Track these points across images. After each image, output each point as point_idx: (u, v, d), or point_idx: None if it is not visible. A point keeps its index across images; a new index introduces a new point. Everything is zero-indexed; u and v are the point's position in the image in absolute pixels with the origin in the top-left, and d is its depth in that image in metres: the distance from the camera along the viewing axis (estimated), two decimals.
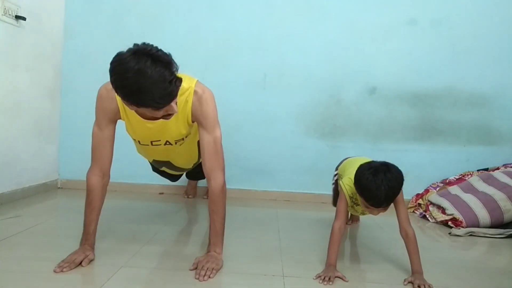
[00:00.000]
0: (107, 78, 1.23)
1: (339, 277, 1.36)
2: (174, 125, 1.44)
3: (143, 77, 1.10)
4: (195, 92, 1.40)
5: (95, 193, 1.44)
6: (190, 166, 1.94)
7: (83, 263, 1.34)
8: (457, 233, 2.09)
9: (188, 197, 2.67)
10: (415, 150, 2.74)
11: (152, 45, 1.17)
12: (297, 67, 2.74)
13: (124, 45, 1.19)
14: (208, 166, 1.44)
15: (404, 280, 1.37)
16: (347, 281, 1.35)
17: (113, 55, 1.19)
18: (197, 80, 1.45)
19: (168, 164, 1.81)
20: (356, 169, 1.42)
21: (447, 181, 2.65)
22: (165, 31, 2.74)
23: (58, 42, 2.71)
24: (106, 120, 1.43)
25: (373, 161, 1.40)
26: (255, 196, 2.74)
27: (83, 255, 1.36)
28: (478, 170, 2.65)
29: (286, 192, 2.81)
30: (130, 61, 1.11)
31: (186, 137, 1.55)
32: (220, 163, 1.46)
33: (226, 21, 2.74)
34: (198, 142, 1.61)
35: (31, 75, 2.42)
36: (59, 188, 2.77)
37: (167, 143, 1.54)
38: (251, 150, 2.78)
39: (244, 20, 2.74)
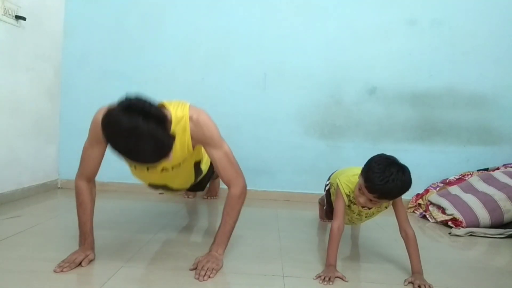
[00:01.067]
0: (107, 78, 1.23)
1: (339, 277, 1.36)
2: (174, 166, 1.44)
3: (135, 138, 1.06)
4: (191, 118, 1.38)
5: (84, 194, 1.44)
6: (187, 186, 1.90)
7: (83, 263, 1.34)
8: (457, 233, 2.09)
9: (188, 197, 2.67)
10: (415, 150, 2.74)
11: (144, 100, 1.12)
12: (297, 67, 2.74)
13: (124, 45, 1.19)
14: (227, 178, 1.46)
15: (405, 281, 1.37)
16: (347, 281, 1.35)
17: (113, 55, 1.18)
18: (189, 105, 1.42)
19: (165, 187, 1.79)
20: (352, 171, 1.44)
21: (447, 181, 2.65)
22: (165, 31, 2.74)
23: (58, 42, 2.71)
24: (99, 142, 1.42)
25: (394, 157, 1.39)
26: (255, 196, 2.73)
27: (83, 255, 1.36)
28: (478, 170, 2.65)
29: (286, 192, 2.81)
30: (121, 120, 1.06)
31: (182, 161, 1.53)
32: (238, 171, 1.47)
33: (226, 21, 2.74)
34: (195, 163, 1.60)
35: (31, 75, 2.42)
36: (59, 188, 2.77)
37: (164, 169, 1.52)
38: (251, 150, 2.78)
39: (244, 20, 2.74)
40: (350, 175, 1.50)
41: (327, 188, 1.89)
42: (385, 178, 1.27)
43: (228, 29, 2.74)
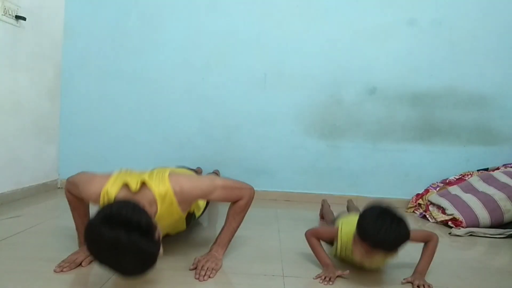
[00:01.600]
0: (107, 78, 1.23)
1: (340, 275, 1.36)
2: (164, 229, 1.40)
3: (117, 253, 1.01)
4: (175, 193, 1.30)
5: (74, 201, 1.45)
6: (178, 232, 1.84)
7: (83, 263, 1.34)
8: (457, 233, 2.09)
9: None
10: (415, 150, 2.74)
11: (126, 208, 1.07)
12: (297, 67, 2.74)
13: (124, 45, 1.18)
14: (233, 200, 1.47)
15: (403, 279, 1.37)
16: (348, 272, 1.34)
17: (113, 55, 1.17)
18: (168, 173, 1.33)
19: None
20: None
21: (447, 181, 2.65)
22: (165, 31, 2.74)
23: (58, 42, 2.71)
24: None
25: (390, 207, 1.30)
26: (255, 196, 2.72)
27: (83, 255, 1.36)
28: (478, 170, 2.65)
29: (286, 192, 2.81)
30: (103, 234, 1.00)
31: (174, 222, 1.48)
32: (241, 188, 1.48)
33: (226, 21, 2.74)
34: (188, 215, 1.57)
35: (31, 75, 2.42)
36: (59, 188, 2.77)
37: None
38: (251, 150, 2.78)
39: (244, 20, 2.74)
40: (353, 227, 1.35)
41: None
42: (378, 227, 1.20)
43: (228, 29, 2.74)
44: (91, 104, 2.79)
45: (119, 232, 0.99)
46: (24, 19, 2.26)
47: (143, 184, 1.27)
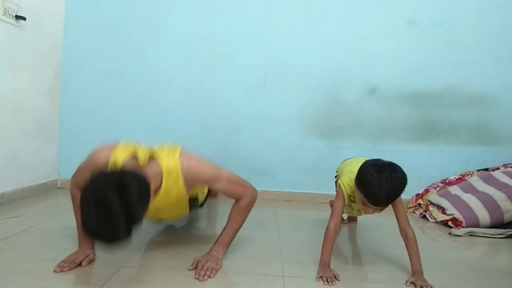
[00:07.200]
0: (107, 78, 1.23)
1: (335, 276, 1.37)
2: (167, 207, 1.42)
3: (102, 212, 0.99)
4: (182, 169, 1.31)
5: (79, 198, 1.44)
6: (181, 217, 1.87)
7: (83, 263, 1.34)
8: (457, 233, 2.09)
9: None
10: (415, 150, 2.74)
11: (133, 183, 1.05)
12: (297, 67, 2.74)
13: (124, 45, 1.19)
14: (235, 197, 1.47)
15: (406, 282, 1.37)
16: (339, 280, 1.35)
17: (113, 55, 1.17)
18: (180, 150, 1.35)
19: (159, 221, 1.77)
20: (355, 167, 1.41)
21: (447, 181, 2.65)
22: (165, 31, 2.74)
23: (58, 42, 2.71)
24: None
25: (379, 159, 1.38)
26: None
27: (83, 255, 1.36)
28: (478, 170, 2.65)
29: (286, 192, 2.81)
30: (106, 193, 1.00)
31: (177, 201, 1.48)
32: (244, 185, 1.48)
33: (226, 21, 2.74)
34: (191, 199, 1.57)
35: (31, 75, 2.42)
36: (59, 188, 2.77)
37: (157, 209, 1.45)
38: (251, 150, 2.78)
39: (244, 20, 2.74)
40: (352, 173, 1.46)
41: (335, 179, 1.89)
42: (383, 187, 1.26)
43: (228, 29, 2.74)
44: (91, 104, 2.79)
45: (116, 199, 0.98)
46: (24, 19, 2.26)
47: (151, 157, 1.27)
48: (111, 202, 0.98)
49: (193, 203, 1.66)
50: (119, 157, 1.25)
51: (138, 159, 1.26)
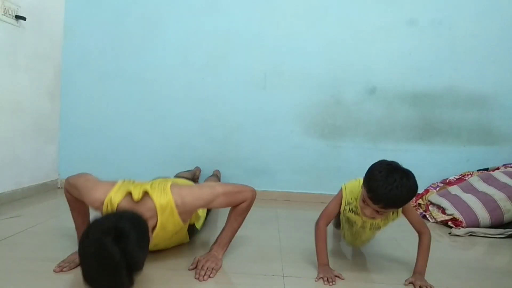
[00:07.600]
0: (107, 78, 1.23)
1: (337, 276, 1.37)
2: (166, 240, 1.43)
3: (98, 257, 0.99)
4: (177, 205, 1.30)
5: (74, 201, 1.45)
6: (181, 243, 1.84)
7: None
8: (457, 233, 2.09)
9: None
10: (415, 150, 2.74)
11: (128, 224, 1.05)
12: (297, 67, 2.74)
13: (125, 45, 1.18)
14: (234, 205, 1.47)
15: (406, 281, 1.37)
16: (343, 279, 1.35)
17: (113, 55, 1.16)
18: (170, 185, 1.33)
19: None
20: (360, 182, 1.34)
21: (447, 181, 2.65)
22: (165, 31, 2.74)
23: (58, 42, 2.71)
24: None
25: (397, 162, 1.29)
26: None
27: None
28: (478, 170, 2.65)
29: (286, 192, 2.81)
30: (105, 245, 0.98)
31: (175, 233, 1.47)
32: (241, 191, 1.47)
33: (226, 21, 2.74)
34: (189, 226, 1.58)
35: (31, 75, 2.42)
36: (59, 188, 2.77)
37: (156, 245, 1.47)
38: (251, 150, 2.78)
39: (244, 20, 2.74)
40: (357, 183, 1.41)
41: None
42: (388, 186, 1.18)
43: (228, 29, 2.74)
44: (91, 104, 2.79)
45: (116, 251, 0.98)
46: (24, 19, 2.26)
47: (145, 194, 1.28)
48: (111, 254, 0.97)
49: (191, 230, 1.66)
50: (115, 197, 1.26)
51: (132, 196, 1.26)
